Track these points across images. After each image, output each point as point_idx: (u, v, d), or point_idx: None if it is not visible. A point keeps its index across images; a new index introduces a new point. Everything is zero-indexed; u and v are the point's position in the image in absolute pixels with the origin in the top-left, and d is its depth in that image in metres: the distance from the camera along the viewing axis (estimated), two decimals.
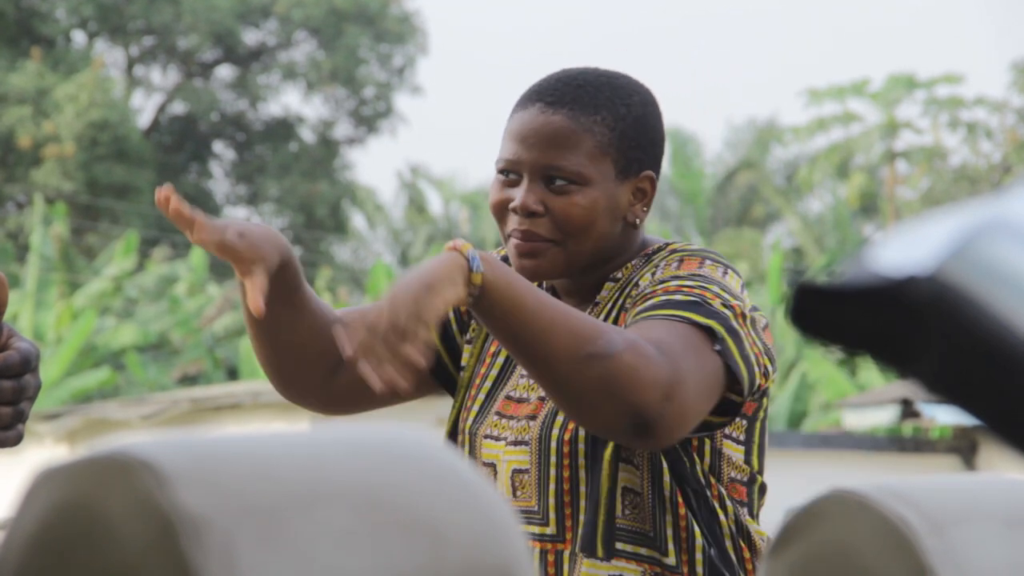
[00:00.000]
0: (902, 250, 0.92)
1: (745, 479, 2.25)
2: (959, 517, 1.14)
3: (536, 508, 2.20)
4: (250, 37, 36.24)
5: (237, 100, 36.72)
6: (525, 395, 2.27)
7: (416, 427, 1.03)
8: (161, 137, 36.25)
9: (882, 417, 15.40)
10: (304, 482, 0.93)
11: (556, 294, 2.34)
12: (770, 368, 2.20)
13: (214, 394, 14.73)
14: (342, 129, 36.74)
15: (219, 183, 37.18)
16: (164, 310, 21.43)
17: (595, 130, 2.23)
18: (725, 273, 2.22)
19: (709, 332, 2.12)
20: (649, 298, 2.16)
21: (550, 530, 2.19)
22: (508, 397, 2.29)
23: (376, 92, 36.24)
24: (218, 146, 37.09)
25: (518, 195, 2.24)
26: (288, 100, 39.60)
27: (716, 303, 2.15)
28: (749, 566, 2.20)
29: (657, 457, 2.18)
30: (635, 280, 2.25)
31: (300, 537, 0.91)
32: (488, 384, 2.33)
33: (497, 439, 2.26)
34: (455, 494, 0.98)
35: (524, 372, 2.28)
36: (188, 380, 20.89)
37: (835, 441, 14.81)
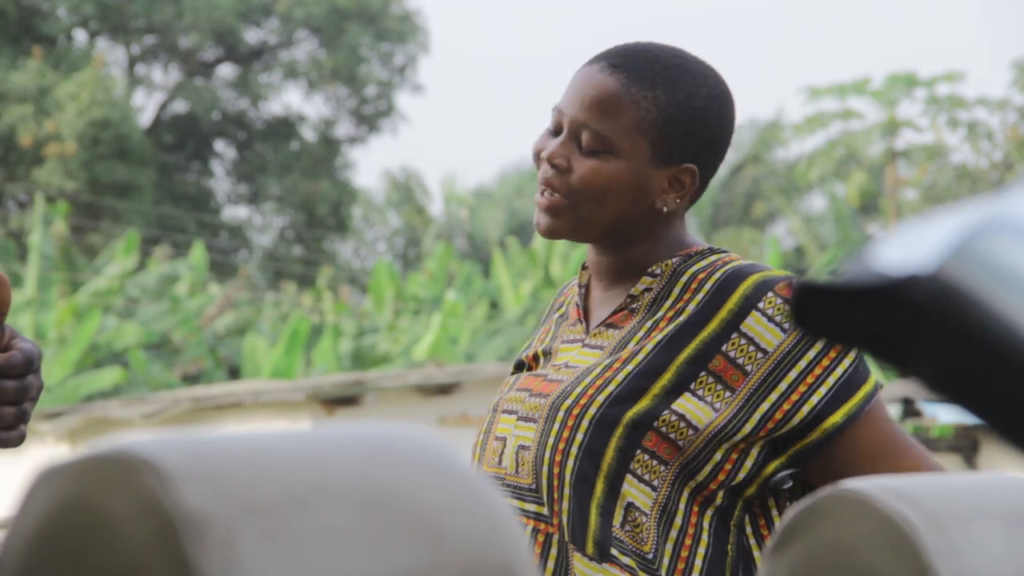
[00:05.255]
0: (903, 249, 0.92)
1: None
2: (960, 515, 1.14)
3: (534, 486, 2.17)
4: (251, 36, 36.25)
5: (238, 99, 36.73)
6: (545, 372, 2.25)
7: (417, 426, 1.03)
8: (162, 136, 36.25)
9: None
10: (305, 481, 0.93)
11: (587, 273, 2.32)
12: None
13: (215, 393, 14.74)
14: (343, 128, 36.75)
15: (220, 182, 37.18)
16: (165, 309, 21.41)
17: (641, 105, 2.18)
18: None
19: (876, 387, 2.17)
20: (816, 381, 2.14)
21: (545, 511, 2.16)
22: (531, 373, 2.28)
23: (377, 91, 36.24)
24: (219, 145, 37.09)
25: (551, 145, 2.22)
26: (289, 99, 39.73)
27: (850, 360, 2.15)
28: None
29: (681, 482, 2.14)
30: (676, 285, 2.21)
31: (301, 535, 0.91)
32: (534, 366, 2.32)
33: (511, 413, 2.24)
34: (456, 493, 0.98)
35: (557, 361, 2.26)
36: (189, 379, 20.88)
37: None
